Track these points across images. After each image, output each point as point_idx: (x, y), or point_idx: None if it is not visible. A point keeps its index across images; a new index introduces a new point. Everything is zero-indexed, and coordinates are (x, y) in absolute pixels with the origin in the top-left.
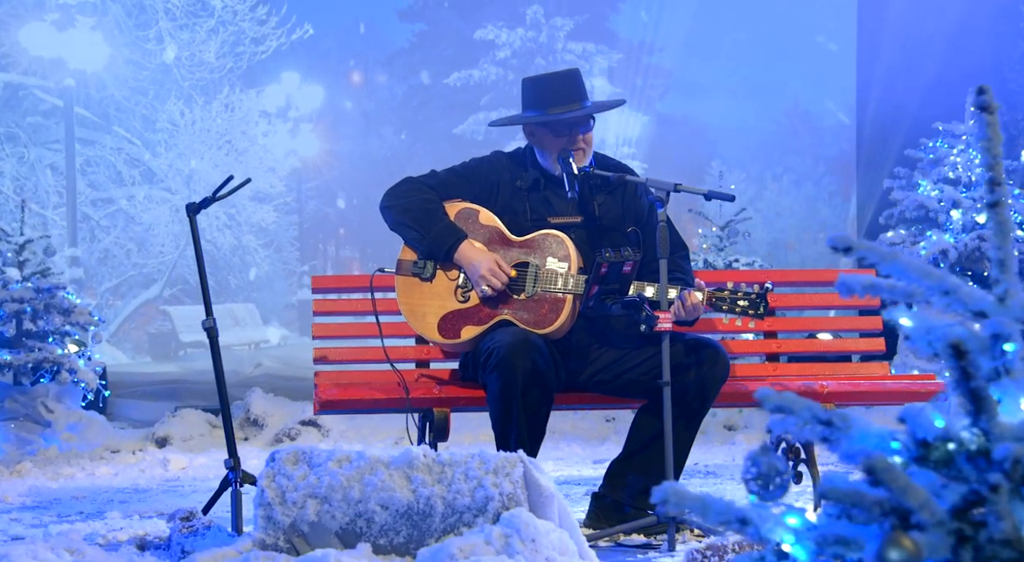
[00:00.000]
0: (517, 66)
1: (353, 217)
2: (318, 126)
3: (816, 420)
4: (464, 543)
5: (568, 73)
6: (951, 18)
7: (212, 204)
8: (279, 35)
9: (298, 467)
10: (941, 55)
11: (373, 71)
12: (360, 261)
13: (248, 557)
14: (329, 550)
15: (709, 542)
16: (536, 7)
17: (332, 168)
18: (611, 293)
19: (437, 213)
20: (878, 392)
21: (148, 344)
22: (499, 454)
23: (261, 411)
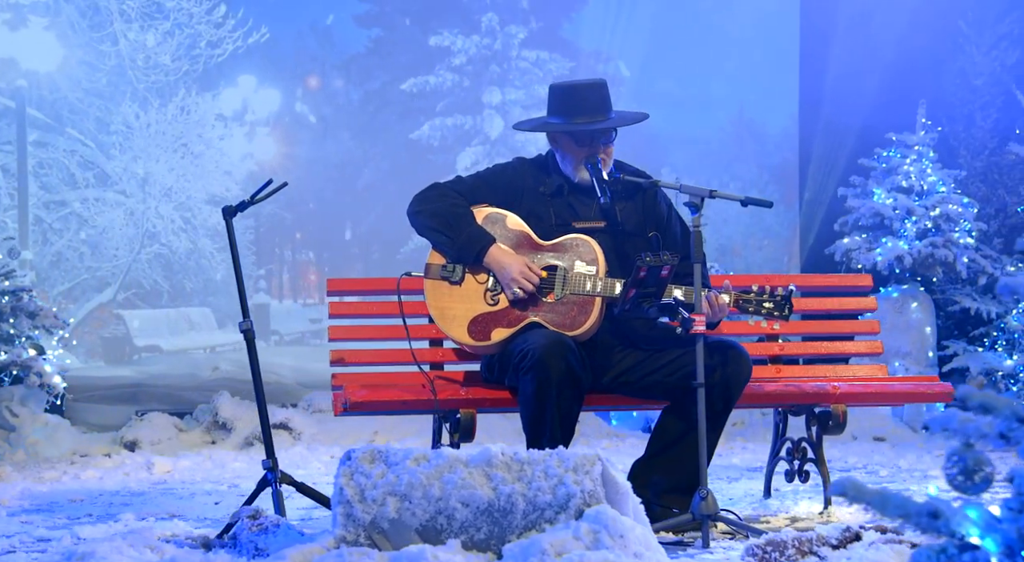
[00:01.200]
0: (472, 73)
1: (310, 221)
2: (275, 130)
3: (1019, 421)
4: (554, 539)
5: (595, 83)
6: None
7: (249, 207)
8: (236, 38)
9: (375, 466)
10: (885, 69)
11: (330, 76)
12: (317, 265)
13: (342, 553)
14: (424, 546)
15: (768, 538)
16: (491, 14)
17: (289, 172)
18: (647, 296)
19: (466, 218)
20: (887, 393)
21: (102, 348)
22: (577, 452)
23: (230, 414)
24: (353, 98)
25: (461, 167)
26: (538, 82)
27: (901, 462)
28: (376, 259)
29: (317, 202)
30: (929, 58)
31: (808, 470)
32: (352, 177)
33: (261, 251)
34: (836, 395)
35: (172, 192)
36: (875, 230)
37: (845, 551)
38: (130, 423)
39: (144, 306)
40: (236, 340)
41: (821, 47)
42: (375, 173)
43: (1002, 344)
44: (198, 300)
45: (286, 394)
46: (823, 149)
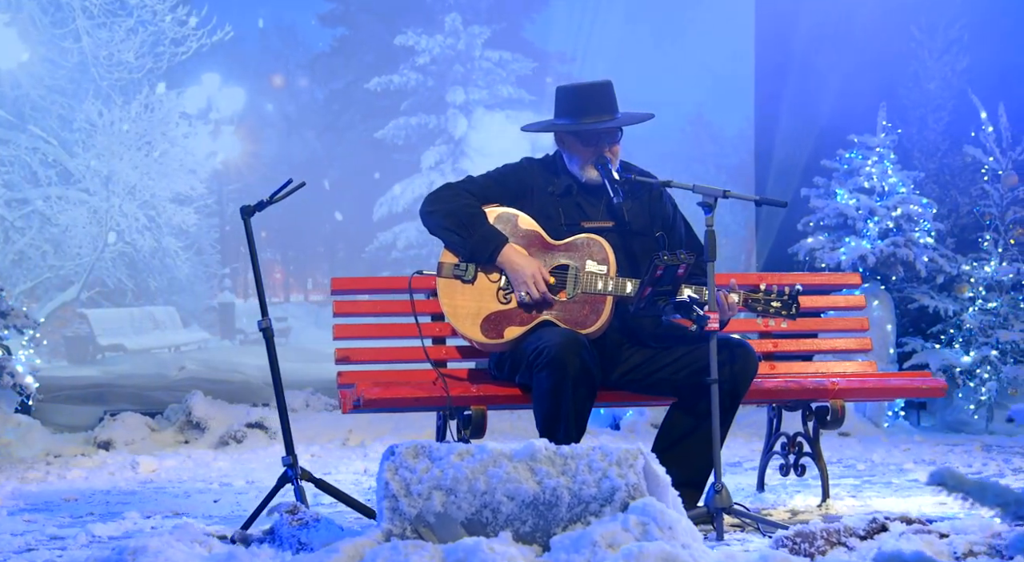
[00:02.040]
0: (436, 72)
1: (275, 220)
2: (239, 129)
3: None
4: (604, 530)
5: (601, 85)
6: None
7: (267, 207)
8: (200, 36)
9: (419, 460)
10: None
11: (294, 75)
12: (282, 264)
13: (396, 546)
14: (480, 538)
15: (797, 529)
16: (454, 15)
17: (254, 171)
18: (663, 295)
19: (479, 218)
20: (883, 389)
21: (65, 348)
22: (619, 447)
23: (203, 414)
24: (318, 97)
25: (425, 166)
26: (501, 82)
27: (873, 456)
28: (341, 258)
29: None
30: (884, 62)
31: (804, 464)
32: (317, 176)
33: (226, 250)
34: (835, 391)
35: (136, 190)
36: (838, 230)
37: (872, 542)
38: (103, 423)
39: (108, 305)
40: (201, 339)
41: (777, 51)
42: (340, 172)
43: (959, 341)
44: (163, 299)
45: (253, 393)
46: (783, 151)
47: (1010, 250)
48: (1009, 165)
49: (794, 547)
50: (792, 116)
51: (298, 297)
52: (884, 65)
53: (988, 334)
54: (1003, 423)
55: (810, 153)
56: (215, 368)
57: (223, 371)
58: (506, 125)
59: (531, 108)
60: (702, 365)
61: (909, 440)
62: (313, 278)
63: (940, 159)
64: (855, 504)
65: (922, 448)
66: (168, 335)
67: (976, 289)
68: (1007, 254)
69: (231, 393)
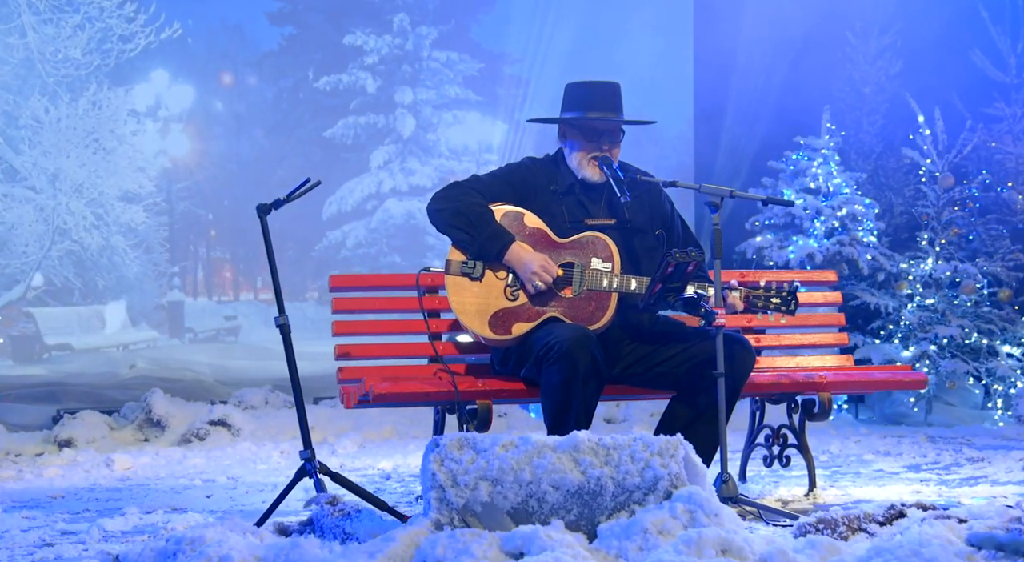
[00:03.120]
0: (385, 72)
1: (225, 218)
2: (188, 126)
3: None
4: (654, 518)
5: (610, 84)
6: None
7: (283, 205)
8: (148, 33)
9: (464, 452)
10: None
11: (243, 73)
12: (232, 263)
13: (455, 534)
14: (537, 527)
15: (819, 516)
16: (402, 15)
17: (203, 169)
18: (672, 291)
19: (486, 216)
20: (868, 382)
21: (11, 347)
22: (660, 437)
23: (164, 412)
24: (267, 95)
25: (374, 165)
26: (449, 82)
27: (831, 448)
28: (291, 256)
29: (231, 199)
30: (822, 67)
31: (788, 455)
32: (266, 174)
33: (175, 248)
34: (823, 384)
35: (84, 188)
36: (786, 229)
37: (891, 527)
38: (63, 422)
39: (55, 304)
40: (150, 337)
41: (716, 56)
42: (289, 170)
43: (898, 336)
44: (111, 297)
45: (207, 392)
46: (726, 153)
47: (946, 249)
48: (945, 167)
49: (817, 533)
50: (734, 119)
51: (248, 296)
52: (822, 69)
53: (926, 329)
54: (941, 415)
55: (753, 155)
56: (166, 367)
57: (174, 370)
58: (454, 125)
59: (479, 108)
60: (702, 359)
61: (856, 432)
62: (263, 277)
63: (875, 161)
64: (838, 493)
65: (872, 440)
66: (116, 334)
67: (914, 286)
68: (943, 253)
69: (183, 391)
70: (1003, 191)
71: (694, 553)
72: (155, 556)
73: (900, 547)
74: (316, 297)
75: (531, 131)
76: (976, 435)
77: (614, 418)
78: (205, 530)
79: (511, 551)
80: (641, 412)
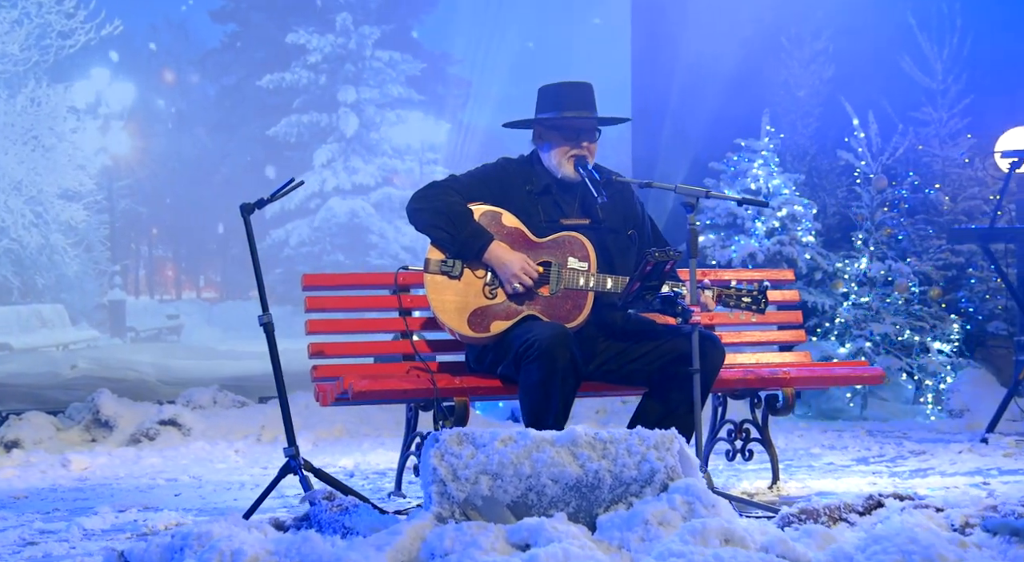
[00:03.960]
0: (328, 70)
1: (167, 216)
2: (129, 124)
3: None
4: (654, 510)
5: (583, 84)
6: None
7: (267, 205)
8: (88, 30)
9: (464, 447)
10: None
11: (185, 71)
12: (174, 261)
13: (461, 527)
14: (542, 519)
15: (801, 507)
16: (345, 14)
17: (145, 167)
18: (650, 289)
19: (465, 216)
20: (828, 377)
21: None
22: (656, 431)
23: (112, 412)
24: (209, 93)
25: (318, 164)
26: (391, 82)
27: (778, 442)
28: (234, 255)
29: (173, 198)
30: (758, 71)
31: (751, 449)
32: (209, 172)
33: (116, 247)
34: (788, 379)
35: (22, 186)
36: (728, 229)
37: (871, 517)
38: (8, 422)
39: None
40: (90, 337)
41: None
42: (232, 168)
43: (834, 334)
44: (50, 296)
45: (150, 391)
46: (666, 154)
47: (879, 248)
48: (879, 169)
49: (800, 523)
50: (672, 121)
51: (190, 294)
52: (759, 73)
53: (862, 327)
54: (875, 410)
55: (693, 156)
56: (108, 366)
57: (117, 369)
58: (397, 124)
59: (421, 108)
60: (674, 356)
61: (796, 427)
62: (205, 275)
63: (809, 163)
64: (798, 486)
65: (814, 434)
66: (56, 333)
67: (849, 285)
68: (876, 252)
69: (127, 392)
70: (930, 193)
71: (699, 542)
72: (162, 552)
73: (897, 534)
74: None
75: (476, 132)
76: (911, 429)
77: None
78: (211, 526)
79: (517, 543)
80: (586, 409)
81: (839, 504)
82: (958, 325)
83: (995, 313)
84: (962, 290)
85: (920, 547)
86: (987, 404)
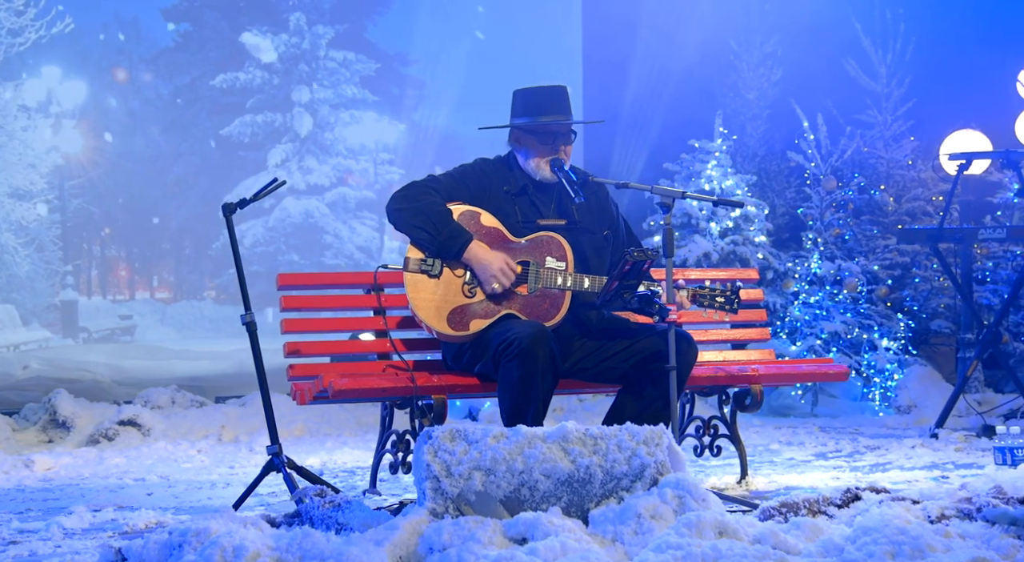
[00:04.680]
0: (281, 70)
1: (120, 216)
2: (81, 123)
3: None
4: (646, 504)
5: (558, 88)
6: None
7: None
8: (38, 27)
9: (456, 443)
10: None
11: (138, 69)
12: (127, 261)
13: (459, 521)
14: (539, 513)
15: (782, 500)
16: (299, 14)
17: (97, 166)
18: (627, 288)
19: (445, 215)
20: (795, 374)
21: None
22: (645, 427)
23: (69, 413)
24: (163, 92)
25: (272, 164)
26: (345, 82)
27: None
28: (188, 255)
29: (126, 197)
30: (709, 74)
31: (719, 445)
32: (162, 172)
33: (68, 246)
34: (756, 377)
35: None
36: (683, 229)
37: (849, 510)
38: None
39: None
40: (42, 337)
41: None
42: (185, 168)
43: (785, 332)
44: (1, 297)
45: (104, 393)
46: (619, 155)
47: (828, 248)
48: (828, 170)
49: (780, 516)
50: (625, 121)
51: (144, 294)
52: (710, 76)
53: (812, 325)
54: (825, 406)
55: (647, 157)
56: (61, 367)
57: (70, 370)
58: (351, 124)
59: (375, 108)
60: (648, 354)
61: (750, 424)
62: (159, 275)
63: (759, 164)
64: (765, 481)
65: (768, 430)
66: (7, 334)
67: (800, 284)
68: (826, 252)
69: (81, 392)
70: (875, 194)
71: (696, 534)
72: (160, 548)
73: (886, 526)
74: (214, 296)
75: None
76: (862, 425)
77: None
78: (208, 522)
79: (514, 536)
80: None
81: (818, 497)
82: (904, 323)
83: (938, 311)
84: (907, 289)
85: (909, 538)
86: (934, 400)
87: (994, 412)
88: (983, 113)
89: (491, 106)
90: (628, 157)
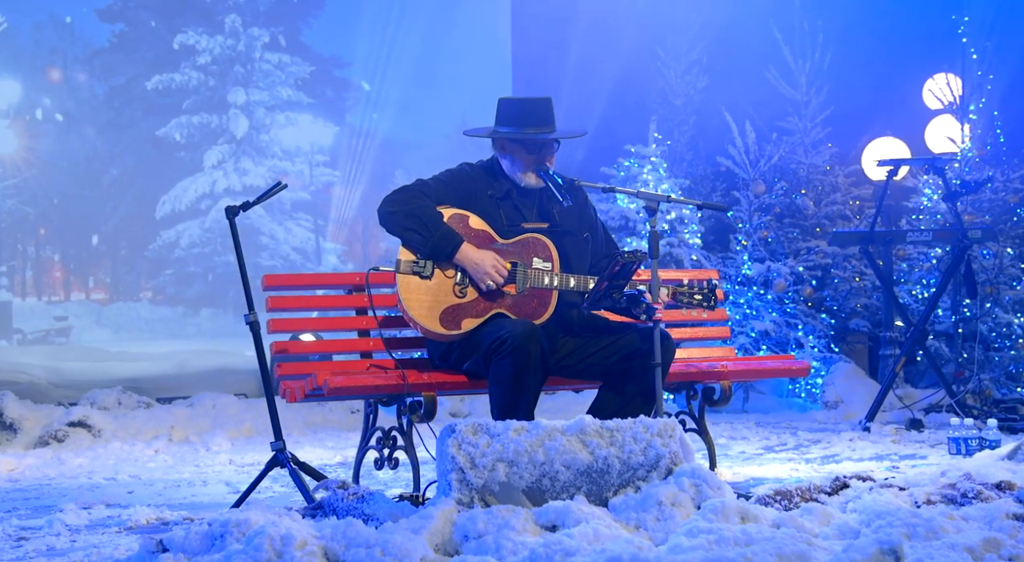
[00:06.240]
0: (217, 72)
1: (55, 217)
2: (15, 123)
3: None
4: (666, 492)
5: (543, 100)
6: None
7: (252, 207)
8: None
9: (479, 437)
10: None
11: (72, 70)
12: (62, 262)
13: (491, 510)
14: (568, 502)
15: (775, 488)
16: (234, 16)
17: (31, 166)
18: (616, 288)
19: (436, 218)
20: (761, 370)
21: None
22: (659, 420)
23: (16, 415)
24: (98, 93)
25: (208, 165)
26: (281, 84)
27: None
28: (124, 256)
29: (61, 198)
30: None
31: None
32: (97, 173)
33: (2, 247)
34: (724, 373)
35: None
36: (620, 231)
37: (838, 497)
38: None
39: None
40: None
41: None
42: (121, 169)
43: None
44: None
45: (42, 394)
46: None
47: (757, 250)
48: (757, 175)
49: (774, 504)
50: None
51: (79, 296)
52: (639, 82)
53: (743, 324)
54: (754, 403)
55: (581, 161)
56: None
57: (6, 372)
58: (287, 126)
59: (310, 110)
60: (629, 351)
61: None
62: (95, 276)
63: (686, 168)
64: (730, 473)
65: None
66: None
67: (733, 285)
68: (755, 253)
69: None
70: (797, 198)
71: (721, 519)
72: (202, 539)
73: (899, 510)
74: (150, 297)
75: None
76: (794, 420)
77: (458, 412)
78: (247, 513)
79: (545, 524)
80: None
81: (808, 486)
82: (825, 322)
83: (856, 311)
84: (827, 289)
85: (923, 520)
86: (859, 395)
87: (915, 406)
88: (895, 121)
89: (424, 108)
90: (562, 160)
